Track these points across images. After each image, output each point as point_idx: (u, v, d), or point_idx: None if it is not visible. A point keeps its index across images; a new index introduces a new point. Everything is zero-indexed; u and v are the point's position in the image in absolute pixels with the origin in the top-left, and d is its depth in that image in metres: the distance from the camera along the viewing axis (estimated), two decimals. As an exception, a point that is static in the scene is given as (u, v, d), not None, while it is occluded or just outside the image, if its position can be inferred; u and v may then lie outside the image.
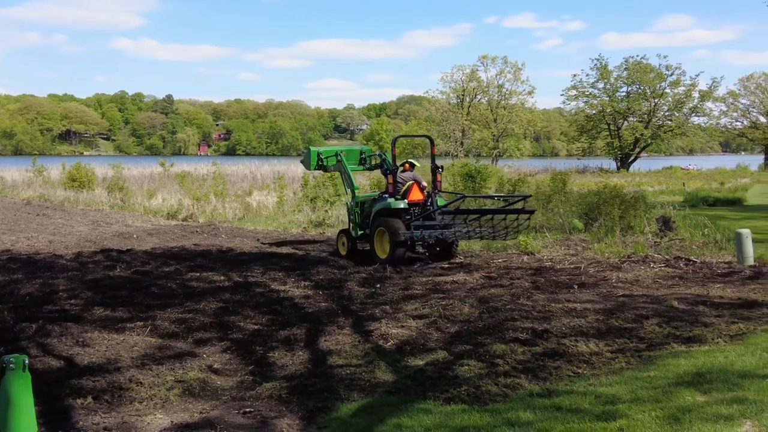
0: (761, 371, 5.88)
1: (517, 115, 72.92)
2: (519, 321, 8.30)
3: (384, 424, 5.30)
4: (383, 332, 8.07)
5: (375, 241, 13.85)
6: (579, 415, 5.12)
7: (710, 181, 38.57)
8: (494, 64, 74.81)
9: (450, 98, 75.93)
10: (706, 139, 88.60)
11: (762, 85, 72.85)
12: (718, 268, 12.07)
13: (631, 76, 68.81)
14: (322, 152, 15.95)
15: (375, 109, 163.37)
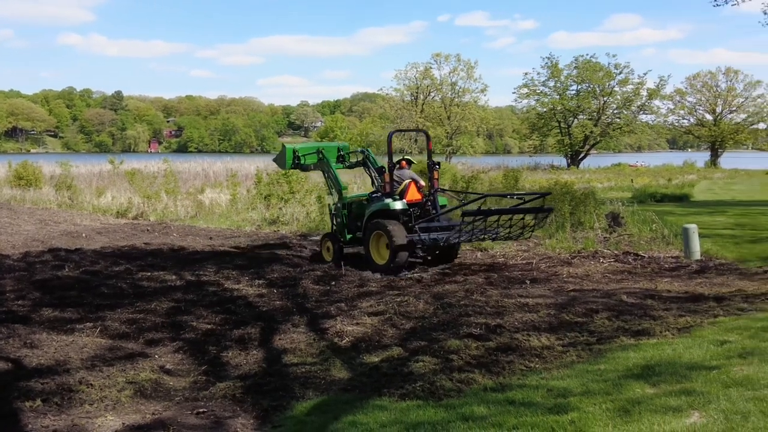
0: (708, 363, 6.03)
1: (470, 113, 73.46)
2: (473, 316, 8.37)
3: (339, 422, 5.30)
4: (338, 330, 8.06)
5: (370, 246, 12.73)
6: (531, 408, 5.19)
7: (658, 178, 39.46)
8: (447, 62, 75.27)
9: (404, 96, 76.11)
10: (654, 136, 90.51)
11: (708, 84, 74.72)
12: (666, 263, 12.37)
13: (580, 74, 69.90)
14: (300, 149, 14.73)
15: (329, 106, 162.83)
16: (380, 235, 12.55)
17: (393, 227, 12.22)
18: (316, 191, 22.64)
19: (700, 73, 75.86)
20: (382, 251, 12.59)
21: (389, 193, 12.81)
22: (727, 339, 6.83)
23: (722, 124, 72.83)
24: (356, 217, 13.57)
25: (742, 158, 76.74)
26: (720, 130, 72.12)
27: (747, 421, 4.41)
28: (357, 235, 13.43)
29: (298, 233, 18.49)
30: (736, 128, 73.00)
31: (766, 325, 7.27)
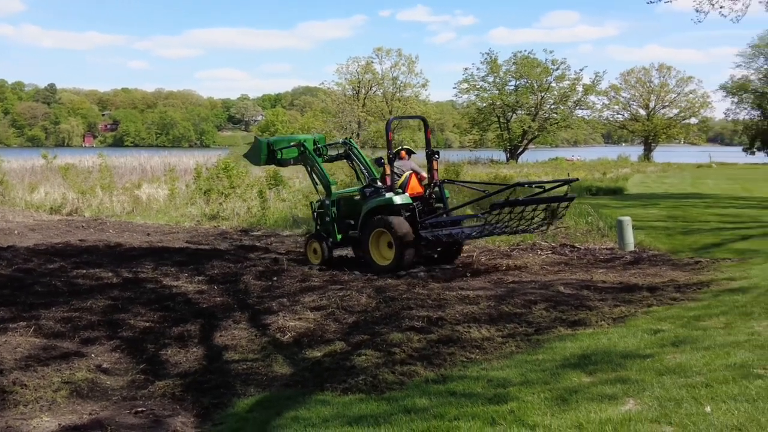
0: (642, 351, 6.21)
1: (411, 108, 73.79)
2: (415, 309, 8.43)
3: (281, 418, 5.28)
4: (280, 325, 8.02)
5: (370, 245, 11.76)
6: (472, 399, 5.26)
7: (593, 172, 40.32)
8: (389, 56, 75.46)
9: (346, 90, 76.03)
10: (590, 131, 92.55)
11: (642, 79, 76.68)
12: (601, 254, 12.69)
13: (519, 70, 70.92)
14: (276, 142, 13.41)
15: (270, 100, 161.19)
16: (381, 233, 11.65)
17: (398, 223, 11.34)
18: (258, 186, 22.43)
19: (634, 69, 77.91)
20: (384, 250, 11.71)
21: (390, 187, 11.83)
22: (660, 328, 7.05)
23: (655, 119, 74.90)
24: (346, 215, 12.59)
25: (674, 152, 79.05)
26: (653, 125, 74.17)
27: (680, 408, 4.55)
28: (352, 233, 12.38)
29: (239, 228, 18.29)
30: (669, 123, 75.20)
31: (698, 314, 7.52)
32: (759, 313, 7.16)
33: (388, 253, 11.58)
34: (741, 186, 30.21)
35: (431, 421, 4.83)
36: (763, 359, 5.38)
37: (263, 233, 17.32)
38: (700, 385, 4.97)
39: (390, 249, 11.53)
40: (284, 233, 17.10)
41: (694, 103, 74.87)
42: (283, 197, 21.55)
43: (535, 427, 4.53)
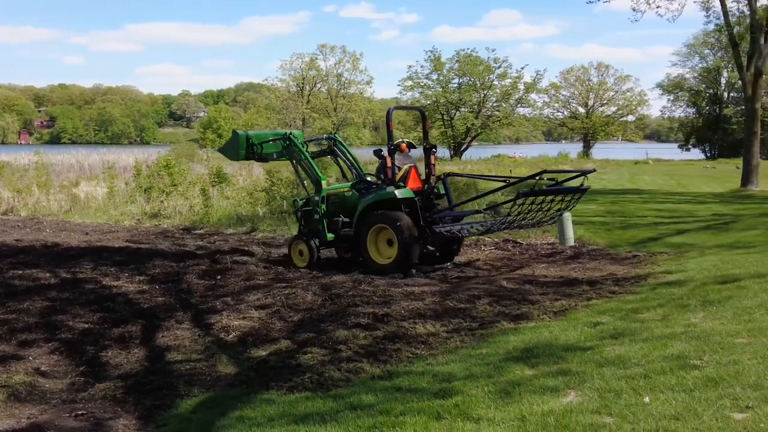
0: (582, 344, 6.34)
1: (356, 104, 73.83)
2: (361, 306, 8.44)
3: (226, 418, 5.22)
4: (225, 324, 7.93)
5: (368, 244, 11.14)
6: (418, 394, 5.30)
7: (534, 168, 40.92)
8: (333, 53, 75.29)
9: (290, 86, 75.53)
10: (531, 128, 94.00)
11: (581, 78, 78.34)
12: (543, 249, 12.93)
13: (462, 68, 71.55)
14: (255, 137, 12.66)
15: (212, 96, 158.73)
16: (381, 230, 11.07)
17: (402, 219, 10.76)
18: (200, 183, 22.10)
19: (574, 67, 79.56)
20: (383, 249, 11.12)
21: (390, 180, 11.20)
22: (600, 321, 7.22)
23: (594, 116, 76.58)
24: (336, 213, 11.95)
25: (612, 149, 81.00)
26: (592, 123, 75.83)
27: (620, 399, 4.67)
28: (345, 231, 11.76)
29: (181, 227, 17.99)
30: (607, 120, 76.99)
31: (636, 307, 7.72)
32: (695, 305, 7.39)
33: (389, 252, 11.03)
34: (677, 182, 31.16)
35: (377, 417, 4.84)
36: (699, 350, 5.55)
37: (206, 232, 17.08)
38: (638, 376, 5.10)
39: (390, 247, 11.00)
40: (228, 231, 16.90)
41: (632, 101, 76.83)
42: (227, 195, 21.27)
43: (479, 421, 4.59)
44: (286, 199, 17.52)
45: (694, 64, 72.88)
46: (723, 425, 3.92)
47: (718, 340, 5.80)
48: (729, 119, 67.67)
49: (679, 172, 39.89)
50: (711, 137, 71.26)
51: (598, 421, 4.31)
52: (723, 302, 7.27)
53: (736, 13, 27.23)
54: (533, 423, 4.38)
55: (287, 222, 16.86)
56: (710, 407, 4.24)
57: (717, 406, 4.25)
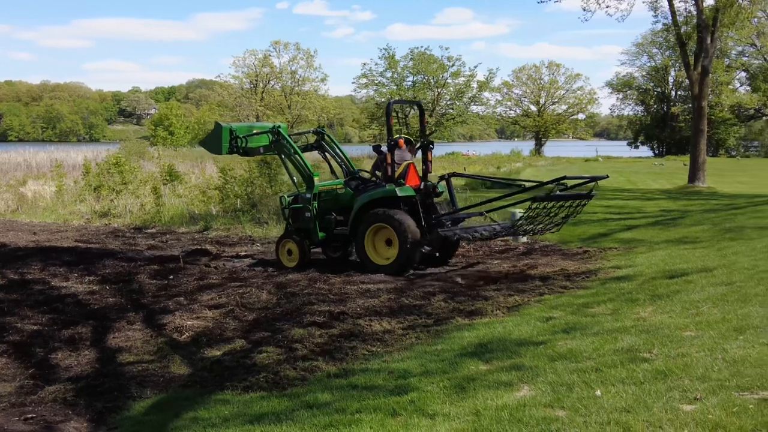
0: (535, 339, 6.43)
1: (310, 102, 73.44)
2: (316, 304, 8.43)
3: (180, 419, 5.16)
4: (177, 325, 7.83)
5: (365, 244, 10.73)
6: (374, 391, 5.30)
7: (488, 166, 41.45)
8: (287, 50, 74.72)
9: (243, 83, 74.77)
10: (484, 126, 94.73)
11: (533, 77, 79.21)
12: (496, 246, 13.05)
13: (416, 66, 71.69)
14: (240, 129, 11.96)
15: (164, 93, 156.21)
16: (379, 229, 10.66)
17: (403, 218, 10.38)
18: (151, 181, 21.74)
19: (525, 66, 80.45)
20: (381, 249, 10.72)
21: (390, 177, 10.76)
22: (552, 315, 7.32)
23: (545, 114, 77.56)
24: (327, 211, 11.49)
25: (563, 147, 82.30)
26: (543, 121, 76.79)
27: (572, 392, 4.74)
28: (339, 230, 11.34)
29: (132, 226, 17.69)
30: (558, 119, 78.03)
31: (587, 302, 7.86)
32: (644, 299, 7.54)
33: (388, 252, 10.64)
34: (626, 179, 31.75)
35: (333, 416, 4.84)
36: (648, 343, 5.66)
37: (158, 231, 16.83)
38: (590, 369, 5.19)
39: (389, 247, 10.62)
40: (180, 230, 16.67)
41: (582, 100, 77.99)
42: (179, 193, 20.97)
43: (434, 416, 4.62)
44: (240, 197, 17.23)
45: (642, 63, 74.47)
46: (672, 417, 4.00)
47: (667, 333, 5.93)
48: (676, 117, 69.24)
49: (628, 169, 40.69)
50: (659, 135, 72.87)
51: (551, 414, 4.37)
52: (671, 296, 7.44)
53: (683, 12, 27.85)
54: (487, 417, 4.43)
55: (241, 220, 16.71)
56: (660, 399, 4.33)
57: (666, 398, 4.34)
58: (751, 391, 4.24)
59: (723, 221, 13.86)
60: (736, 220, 13.85)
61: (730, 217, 14.60)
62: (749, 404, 4.00)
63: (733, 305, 6.49)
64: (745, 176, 32.29)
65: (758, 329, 5.49)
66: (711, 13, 25.43)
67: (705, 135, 26.89)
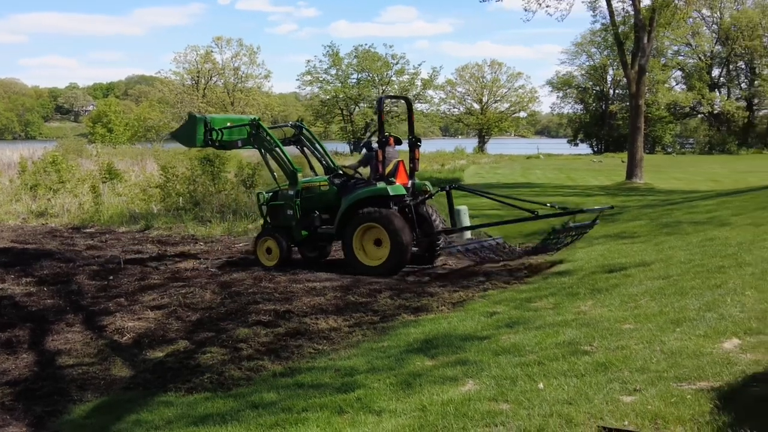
0: (479, 333, 6.51)
1: (254, 99, 72.73)
2: (262, 303, 8.36)
3: (122, 422, 5.06)
4: (118, 326, 7.67)
5: (353, 243, 10.38)
6: (320, 390, 5.30)
7: (432, 163, 41.63)
8: (229, 46, 73.84)
9: (184, 80, 73.60)
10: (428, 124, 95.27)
11: (475, 75, 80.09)
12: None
13: (360, 63, 71.82)
14: (215, 121, 11.37)
15: (102, 89, 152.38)
16: (368, 229, 10.34)
17: (395, 218, 10.11)
18: (90, 180, 21.22)
19: (468, 65, 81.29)
20: (370, 249, 10.40)
21: (381, 176, 10.51)
22: (495, 310, 7.43)
23: (488, 112, 78.49)
24: (310, 209, 11.13)
25: (506, 144, 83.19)
26: (486, 119, 77.70)
27: (515, 386, 4.81)
28: (324, 229, 11.00)
29: (71, 226, 17.23)
30: (501, 116, 79.06)
31: (529, 296, 7.99)
32: (584, 293, 7.71)
33: (378, 252, 10.31)
34: (566, 175, 32.39)
35: (279, 415, 4.81)
36: (589, 336, 5.79)
37: (97, 230, 16.44)
38: (533, 363, 5.28)
39: (378, 247, 10.31)
40: (120, 230, 16.32)
41: (524, 98, 79.21)
42: (118, 192, 20.52)
43: (381, 413, 4.64)
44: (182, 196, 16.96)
45: (581, 62, 75.99)
46: (613, 408, 4.10)
47: (607, 326, 6.06)
48: (614, 115, 70.93)
49: (569, 166, 41.51)
50: (598, 132, 74.50)
51: (495, 408, 4.43)
52: (610, 290, 7.61)
53: (621, 12, 28.45)
54: (433, 412, 4.46)
55: (183, 219, 16.46)
56: (600, 391, 4.44)
57: (607, 389, 4.45)
58: (689, 381, 4.37)
59: (660, 216, 14.24)
60: (672, 215, 14.25)
61: (667, 212, 15.02)
62: (687, 394, 4.12)
63: (670, 298, 6.68)
64: (680, 173, 33.28)
65: (694, 321, 5.66)
66: (648, 13, 26.10)
67: (642, 132, 27.56)
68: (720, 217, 12.66)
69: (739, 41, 65.98)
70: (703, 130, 72.09)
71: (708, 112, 68.90)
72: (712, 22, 70.06)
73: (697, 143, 71.31)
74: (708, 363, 4.61)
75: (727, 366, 4.50)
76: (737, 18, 66.57)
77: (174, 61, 75.22)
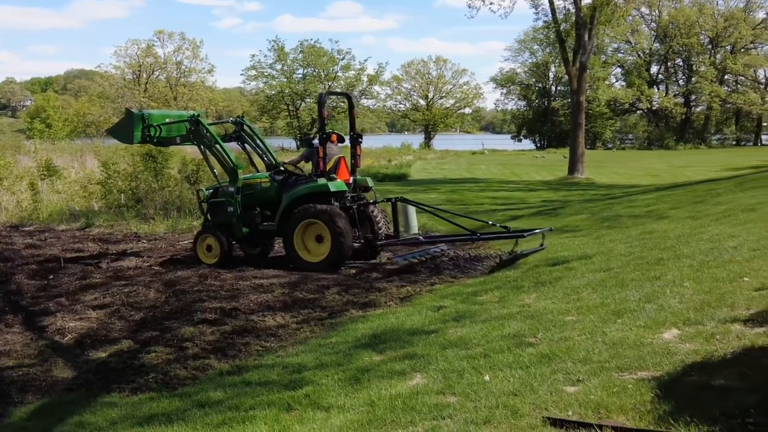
0: (427, 328, 6.57)
1: (198, 93, 71.70)
2: (207, 301, 8.26)
3: (65, 424, 4.95)
4: (59, 326, 7.50)
5: (295, 240, 10.37)
6: (268, 387, 5.28)
7: (379, 159, 41.71)
8: (171, 39, 72.57)
9: (125, 74, 72.06)
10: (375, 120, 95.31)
11: (421, 71, 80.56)
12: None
13: (306, 58, 71.39)
14: (153, 117, 11.14)
15: (40, 84, 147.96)
16: (309, 225, 10.33)
17: (336, 214, 10.12)
18: (28, 177, 20.62)
19: (414, 61, 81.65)
20: (311, 245, 10.42)
21: (322, 172, 10.50)
22: (442, 305, 7.50)
23: (434, 108, 79.05)
24: (250, 206, 11.08)
25: (451, 140, 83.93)
26: (432, 115, 78.24)
27: (462, 378, 4.88)
28: (265, 226, 10.95)
29: (9, 224, 16.72)
30: (446, 113, 79.72)
31: (475, 290, 8.10)
32: (528, 286, 7.85)
33: (319, 248, 10.35)
34: (510, 171, 32.87)
35: (226, 413, 4.78)
36: (533, 329, 5.90)
37: (36, 228, 16.00)
38: (479, 355, 5.35)
39: (320, 243, 10.34)
40: (60, 228, 15.91)
41: (468, 94, 79.98)
42: (57, 189, 20.00)
43: (329, 409, 4.65)
44: (124, 192, 16.65)
45: (524, 59, 77.20)
46: (557, 398, 4.19)
47: (550, 318, 6.19)
48: (557, 111, 72.27)
49: (512, 161, 42.13)
50: (540, 128, 75.81)
51: (443, 401, 4.49)
52: (554, 283, 7.77)
53: (562, 10, 29.01)
54: (382, 407, 4.49)
55: (125, 216, 16.14)
56: (545, 382, 4.53)
57: (551, 380, 4.54)
58: (630, 371, 4.50)
59: (600, 210, 14.58)
60: (612, 209, 14.59)
61: (607, 206, 15.38)
62: (628, 384, 4.24)
63: (611, 290, 6.85)
64: (620, 168, 34.10)
65: (635, 312, 5.82)
66: (589, 11, 26.65)
67: (583, 128, 28.15)
68: (658, 210, 13.01)
69: (677, 39, 67.97)
70: (642, 126, 74.05)
71: (647, 108, 70.76)
72: (650, 20, 72.03)
73: (636, 139, 73.15)
74: (648, 353, 4.75)
75: (666, 356, 4.64)
76: (675, 16, 68.52)
77: (114, 54, 73.60)
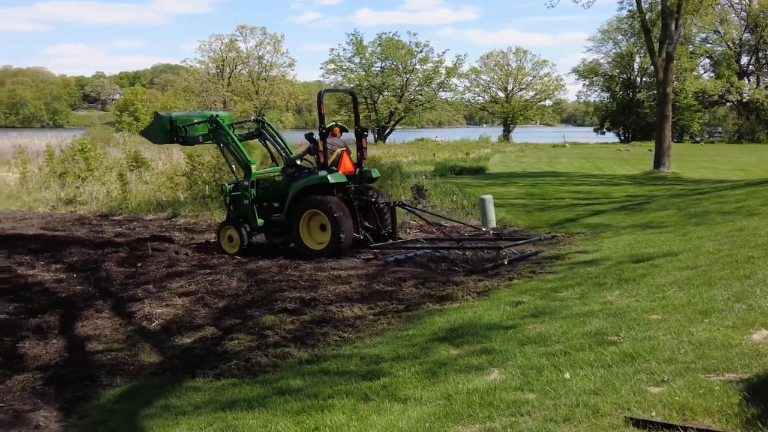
0: (505, 323, 6.49)
1: (278, 87, 72.91)
2: (287, 291, 8.41)
3: (151, 407, 5.13)
4: (147, 313, 7.77)
5: (301, 229, 11.03)
6: (346, 377, 5.33)
7: (457, 152, 41.55)
8: (253, 34, 74.00)
9: (209, 68, 73.93)
10: (453, 112, 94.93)
11: (500, 63, 79.62)
12: (466, 232, 13.11)
13: (384, 52, 71.72)
14: (179, 119, 12.04)
15: (128, 78, 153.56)
16: (313, 215, 10.96)
17: (333, 203, 10.71)
18: (117, 168, 21.45)
19: (493, 52, 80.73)
20: (316, 234, 11.01)
21: (323, 165, 11.04)
22: (521, 300, 7.39)
23: (513, 101, 78.03)
24: (266, 198, 11.82)
25: (531, 133, 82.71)
26: (511, 107, 77.27)
27: (541, 375, 4.80)
28: (276, 217, 11.57)
29: (99, 213, 17.46)
30: (526, 105, 78.59)
31: (555, 286, 7.95)
32: (611, 283, 7.65)
33: (322, 237, 10.93)
34: (593, 164, 32.12)
35: (306, 401, 4.85)
36: (615, 327, 5.75)
37: (125, 218, 16.64)
38: (559, 353, 5.25)
39: (323, 232, 10.92)
40: (148, 217, 16.50)
41: (549, 86, 78.57)
42: (145, 180, 20.72)
43: (406, 401, 4.66)
44: (208, 184, 17.10)
45: (608, 49, 75.13)
46: (640, 399, 4.08)
47: (634, 316, 6.02)
48: (642, 103, 70.06)
49: (595, 155, 41.14)
50: (625, 121, 73.67)
51: (521, 397, 4.43)
52: (637, 280, 7.55)
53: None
54: (458, 401, 4.47)
55: (209, 207, 16.58)
56: (628, 382, 4.41)
57: (634, 380, 4.42)
58: (717, 373, 4.33)
59: (688, 206, 14.09)
60: (700, 205, 14.09)
61: (695, 202, 14.86)
62: (715, 386, 4.08)
63: (698, 289, 6.61)
64: (708, 162, 32.85)
65: (723, 312, 5.60)
66: (675, 0, 25.72)
67: (670, 121, 27.22)
68: (749, 206, 12.48)
69: (769, 28, 64.77)
70: (731, 118, 70.94)
71: (737, 100, 67.74)
72: (740, 9, 68.76)
73: (725, 132, 70.25)
74: (737, 354, 4.56)
75: (756, 357, 4.45)
76: (766, 5, 65.29)
77: (199, 49, 75.35)
